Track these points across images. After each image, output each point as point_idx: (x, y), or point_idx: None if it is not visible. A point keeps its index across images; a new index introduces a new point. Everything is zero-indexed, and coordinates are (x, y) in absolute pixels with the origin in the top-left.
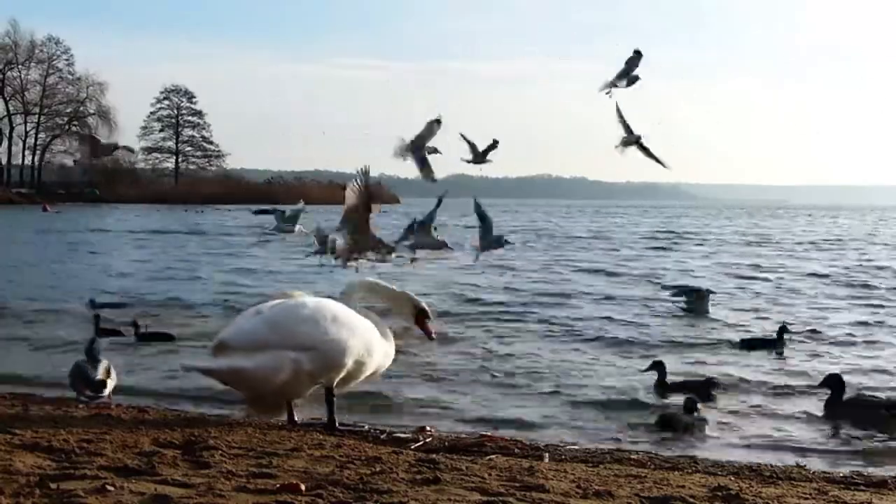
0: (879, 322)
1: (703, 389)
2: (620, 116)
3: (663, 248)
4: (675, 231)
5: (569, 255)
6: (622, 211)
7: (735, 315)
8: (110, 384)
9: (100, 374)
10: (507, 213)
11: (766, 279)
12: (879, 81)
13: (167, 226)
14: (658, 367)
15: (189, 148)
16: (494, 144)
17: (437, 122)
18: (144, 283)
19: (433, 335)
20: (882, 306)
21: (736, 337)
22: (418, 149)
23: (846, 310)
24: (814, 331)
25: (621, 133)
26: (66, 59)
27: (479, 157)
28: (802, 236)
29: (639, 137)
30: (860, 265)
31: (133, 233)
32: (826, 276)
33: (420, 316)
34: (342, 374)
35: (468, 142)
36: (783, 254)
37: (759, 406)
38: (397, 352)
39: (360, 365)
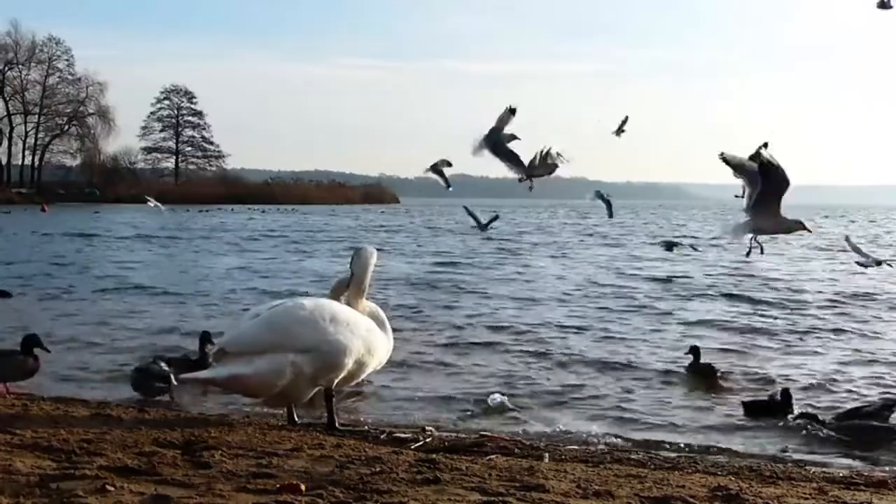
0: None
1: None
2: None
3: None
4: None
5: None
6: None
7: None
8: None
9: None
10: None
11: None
12: (881, 80)
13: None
14: (695, 351)
15: (189, 148)
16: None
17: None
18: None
19: None
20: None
21: None
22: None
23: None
24: None
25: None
26: (67, 60)
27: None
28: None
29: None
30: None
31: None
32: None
33: None
34: (343, 375)
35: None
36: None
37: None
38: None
39: (360, 364)
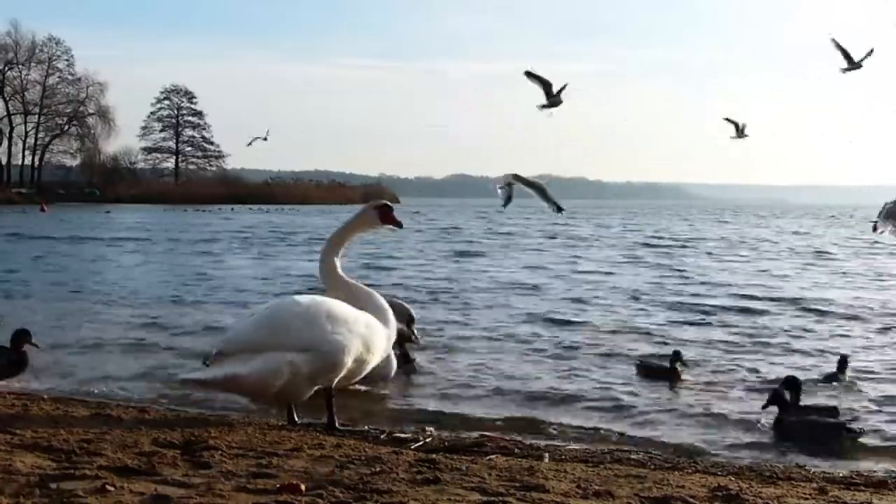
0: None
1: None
2: None
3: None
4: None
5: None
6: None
7: None
8: None
9: None
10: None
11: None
12: (881, 80)
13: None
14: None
15: (189, 148)
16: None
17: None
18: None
19: (401, 221)
20: None
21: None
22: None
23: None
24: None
25: None
26: (67, 60)
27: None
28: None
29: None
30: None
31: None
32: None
33: (383, 210)
34: (342, 374)
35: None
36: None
37: (755, 405)
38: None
39: (360, 363)
